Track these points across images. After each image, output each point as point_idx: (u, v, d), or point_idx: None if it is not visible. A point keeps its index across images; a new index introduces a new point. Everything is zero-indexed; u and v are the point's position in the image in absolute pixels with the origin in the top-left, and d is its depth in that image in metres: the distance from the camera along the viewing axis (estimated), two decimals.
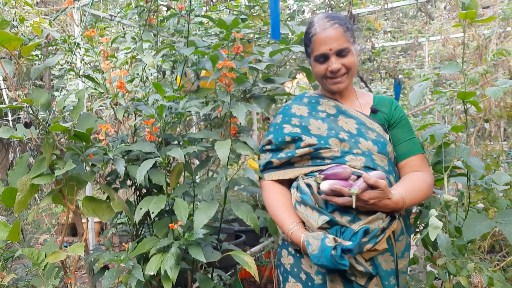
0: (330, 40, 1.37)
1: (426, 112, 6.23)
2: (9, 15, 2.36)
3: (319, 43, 1.38)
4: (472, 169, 1.45)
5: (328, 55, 1.38)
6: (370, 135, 1.39)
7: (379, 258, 1.30)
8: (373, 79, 6.84)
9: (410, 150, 1.43)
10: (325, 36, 1.37)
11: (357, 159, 1.34)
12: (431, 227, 1.29)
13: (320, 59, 1.40)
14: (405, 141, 1.44)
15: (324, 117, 1.44)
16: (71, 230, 4.54)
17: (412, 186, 1.34)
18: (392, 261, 1.32)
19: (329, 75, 1.40)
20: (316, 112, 1.46)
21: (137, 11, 2.07)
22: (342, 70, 1.39)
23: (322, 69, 1.41)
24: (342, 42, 1.37)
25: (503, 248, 2.33)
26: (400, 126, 1.46)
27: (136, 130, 2.11)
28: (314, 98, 1.51)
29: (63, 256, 1.70)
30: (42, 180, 1.66)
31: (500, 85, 1.39)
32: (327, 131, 1.39)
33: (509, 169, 2.64)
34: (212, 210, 1.63)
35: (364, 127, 1.41)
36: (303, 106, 1.49)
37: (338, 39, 1.37)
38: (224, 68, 1.70)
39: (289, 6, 4.44)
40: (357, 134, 1.39)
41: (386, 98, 1.51)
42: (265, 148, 1.50)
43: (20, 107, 1.66)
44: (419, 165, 1.41)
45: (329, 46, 1.37)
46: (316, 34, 1.39)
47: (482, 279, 1.36)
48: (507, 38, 4.25)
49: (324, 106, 1.47)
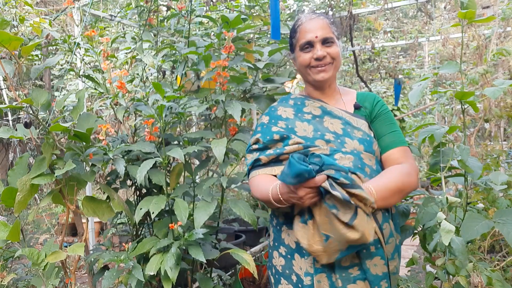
0: (316, 29, 1.40)
1: (426, 112, 6.23)
2: (9, 15, 2.36)
3: (304, 31, 1.42)
4: (469, 169, 1.45)
5: (313, 43, 1.40)
6: (356, 134, 1.39)
7: (367, 262, 1.28)
8: (373, 79, 6.84)
9: (391, 143, 1.40)
10: (310, 25, 1.41)
11: (346, 158, 1.33)
12: (444, 231, 1.28)
13: (305, 46, 1.41)
14: (386, 134, 1.42)
15: (309, 119, 1.43)
16: (71, 230, 4.54)
17: (384, 178, 1.31)
18: (384, 264, 1.30)
19: (314, 63, 1.41)
20: (302, 114, 1.45)
21: (137, 11, 2.07)
22: (327, 58, 1.40)
23: (307, 58, 1.42)
24: (327, 32, 1.40)
25: (503, 248, 2.33)
26: (380, 119, 1.45)
27: (136, 130, 2.11)
28: (299, 99, 1.51)
29: (63, 256, 1.71)
30: (42, 180, 1.66)
31: (498, 86, 1.40)
32: (313, 133, 1.39)
33: (509, 169, 2.65)
34: (211, 207, 1.64)
35: (350, 127, 1.41)
36: (289, 108, 1.49)
37: (324, 28, 1.40)
38: (218, 67, 1.71)
39: (289, 6, 4.44)
40: (343, 134, 1.39)
41: (369, 94, 1.51)
42: (252, 147, 1.46)
43: (20, 107, 1.66)
44: (400, 157, 1.38)
45: (315, 34, 1.39)
46: (302, 24, 1.43)
47: (481, 279, 1.36)
48: (507, 38, 4.25)
49: (309, 107, 1.47)
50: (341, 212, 1.16)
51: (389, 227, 1.33)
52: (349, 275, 1.28)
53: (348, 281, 1.28)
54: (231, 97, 2.09)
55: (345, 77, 7.07)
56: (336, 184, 1.15)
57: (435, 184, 1.76)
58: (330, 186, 1.15)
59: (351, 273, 1.29)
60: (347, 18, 4.49)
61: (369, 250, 1.29)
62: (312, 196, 1.18)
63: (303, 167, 1.11)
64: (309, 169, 1.12)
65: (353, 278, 1.28)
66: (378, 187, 1.25)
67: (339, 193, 1.14)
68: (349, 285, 1.28)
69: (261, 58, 2.04)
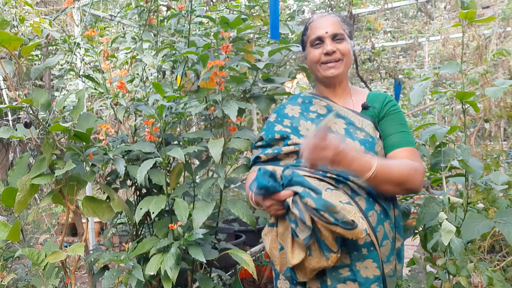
0: (326, 25, 1.42)
1: (426, 112, 6.23)
2: (9, 15, 2.36)
3: (315, 27, 1.44)
4: (470, 169, 1.45)
5: (323, 38, 1.41)
6: (358, 135, 1.36)
7: (358, 264, 1.27)
8: (373, 79, 6.84)
9: (397, 142, 1.36)
10: (321, 22, 1.44)
11: None
12: (444, 231, 1.28)
13: (316, 42, 1.43)
14: (393, 134, 1.38)
15: (314, 117, 1.44)
16: (71, 230, 4.54)
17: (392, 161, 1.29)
18: (376, 267, 1.28)
19: (324, 59, 1.41)
20: (308, 113, 1.46)
21: (137, 11, 2.07)
22: (337, 54, 1.41)
23: (317, 53, 1.42)
24: (338, 28, 1.42)
25: (503, 248, 2.33)
26: (389, 119, 1.41)
27: (136, 130, 2.11)
28: (307, 98, 1.51)
29: (63, 256, 1.71)
30: (42, 180, 1.66)
31: (498, 85, 1.40)
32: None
33: (509, 169, 2.64)
34: (210, 208, 1.64)
35: (353, 127, 1.38)
36: (296, 106, 1.50)
37: (334, 24, 1.42)
38: (215, 67, 1.71)
39: (289, 6, 4.44)
40: (345, 134, 1.37)
41: (380, 94, 1.48)
42: (257, 144, 1.51)
43: (20, 107, 1.66)
44: (408, 157, 1.32)
45: (325, 30, 1.41)
46: (313, 21, 1.46)
47: (482, 279, 1.36)
48: (507, 38, 4.25)
49: (316, 106, 1.47)
50: (299, 229, 1.19)
51: (383, 230, 1.31)
52: (339, 275, 1.28)
53: (338, 281, 1.28)
54: (231, 97, 2.09)
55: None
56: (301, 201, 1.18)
57: (436, 184, 1.76)
58: (293, 202, 1.19)
59: (341, 273, 1.28)
60: (347, 18, 4.49)
61: (361, 252, 1.27)
62: (277, 208, 1.24)
63: (265, 183, 1.19)
64: (270, 185, 1.19)
65: (343, 278, 1.28)
66: (381, 164, 1.22)
67: (298, 211, 1.17)
68: (339, 284, 1.28)
69: (261, 58, 2.04)
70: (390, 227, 1.34)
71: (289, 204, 1.19)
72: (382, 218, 1.31)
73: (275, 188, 1.21)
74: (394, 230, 1.37)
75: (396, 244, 1.37)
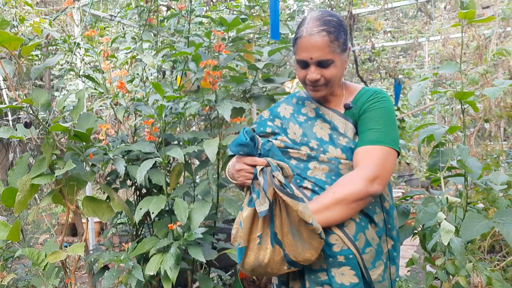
0: (313, 49, 1.28)
1: (426, 112, 6.23)
2: (9, 15, 2.36)
3: (301, 48, 1.31)
4: (468, 169, 1.45)
5: (309, 63, 1.32)
6: (341, 142, 1.33)
7: (333, 270, 1.25)
8: (373, 79, 6.85)
9: (359, 141, 1.30)
10: (308, 43, 1.29)
11: (320, 168, 1.31)
12: (443, 231, 1.27)
13: (301, 64, 1.34)
14: (361, 133, 1.31)
15: (302, 121, 1.42)
16: (71, 230, 4.54)
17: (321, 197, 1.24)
18: (354, 275, 1.25)
19: (308, 82, 1.35)
20: (298, 115, 1.44)
21: (137, 11, 2.07)
22: (321, 80, 1.32)
23: (302, 74, 1.36)
24: (325, 53, 1.28)
25: (503, 248, 2.33)
26: (364, 117, 1.33)
27: (136, 130, 2.11)
28: (301, 99, 1.49)
29: (63, 256, 1.71)
30: (42, 180, 1.66)
31: (498, 85, 1.40)
32: (300, 137, 1.38)
33: (509, 169, 2.64)
34: (207, 208, 1.64)
35: (336, 133, 1.35)
36: (290, 106, 1.48)
37: (322, 49, 1.28)
38: (208, 66, 1.71)
39: (289, 6, 4.44)
40: (329, 141, 1.34)
41: (370, 89, 1.40)
42: None
43: (20, 107, 1.66)
44: (360, 159, 1.26)
45: (310, 55, 1.29)
46: (301, 37, 1.31)
47: (481, 279, 1.36)
48: (507, 38, 4.25)
49: (307, 108, 1.45)
50: (259, 201, 1.16)
51: (364, 237, 1.27)
52: (317, 278, 1.28)
53: (316, 284, 1.27)
54: (231, 97, 2.09)
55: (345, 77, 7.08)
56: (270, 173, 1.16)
57: (435, 184, 1.76)
58: (262, 171, 1.16)
59: (319, 276, 1.27)
60: (347, 18, 4.49)
61: (336, 259, 1.25)
62: (245, 176, 1.20)
63: (243, 140, 1.17)
64: (247, 143, 1.17)
65: (320, 282, 1.27)
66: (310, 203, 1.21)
67: (263, 180, 1.15)
68: (317, 287, 1.27)
69: (261, 58, 2.04)
70: (375, 232, 1.31)
71: (257, 172, 1.16)
72: (363, 226, 1.28)
73: (251, 150, 1.18)
74: (384, 233, 1.34)
75: (384, 248, 1.34)
